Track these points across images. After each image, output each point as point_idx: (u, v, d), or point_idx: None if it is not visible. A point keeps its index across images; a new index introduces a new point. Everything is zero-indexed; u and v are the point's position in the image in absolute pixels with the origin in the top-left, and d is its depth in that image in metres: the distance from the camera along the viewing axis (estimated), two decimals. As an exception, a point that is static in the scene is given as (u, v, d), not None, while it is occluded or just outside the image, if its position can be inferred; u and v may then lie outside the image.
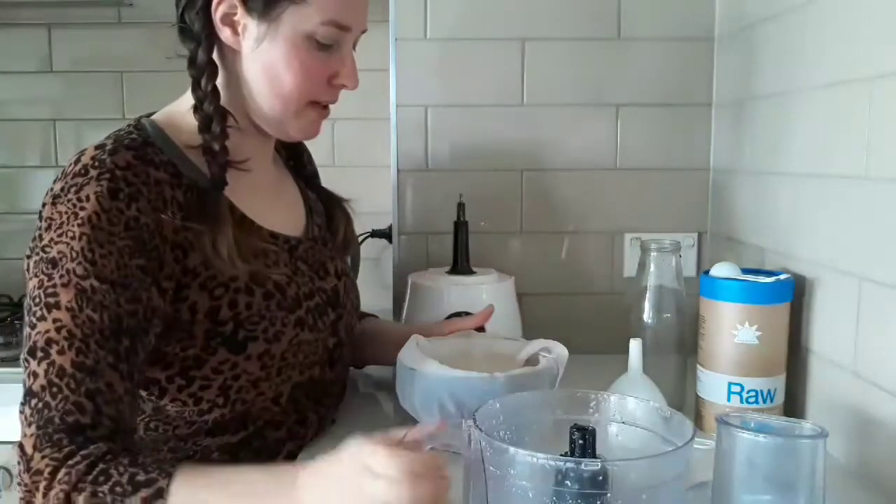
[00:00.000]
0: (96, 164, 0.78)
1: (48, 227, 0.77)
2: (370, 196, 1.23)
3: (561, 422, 0.63)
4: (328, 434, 0.97)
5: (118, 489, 0.69)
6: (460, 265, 1.24)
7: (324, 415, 0.97)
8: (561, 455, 0.57)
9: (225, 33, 0.84)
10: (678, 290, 1.07)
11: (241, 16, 0.83)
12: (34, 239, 0.78)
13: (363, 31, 0.90)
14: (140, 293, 0.77)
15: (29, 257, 0.78)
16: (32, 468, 0.71)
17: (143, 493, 0.69)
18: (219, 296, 0.82)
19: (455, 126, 1.38)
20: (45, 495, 0.70)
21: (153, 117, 0.89)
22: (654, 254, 1.07)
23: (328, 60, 0.86)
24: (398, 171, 1.39)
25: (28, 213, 1.85)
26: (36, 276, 0.76)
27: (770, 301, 0.94)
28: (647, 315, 1.06)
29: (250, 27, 0.83)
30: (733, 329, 0.94)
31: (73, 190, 0.77)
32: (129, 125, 0.86)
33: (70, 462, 0.70)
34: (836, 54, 0.92)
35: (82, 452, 0.70)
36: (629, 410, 0.64)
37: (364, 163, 1.78)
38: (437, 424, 0.66)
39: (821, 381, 0.96)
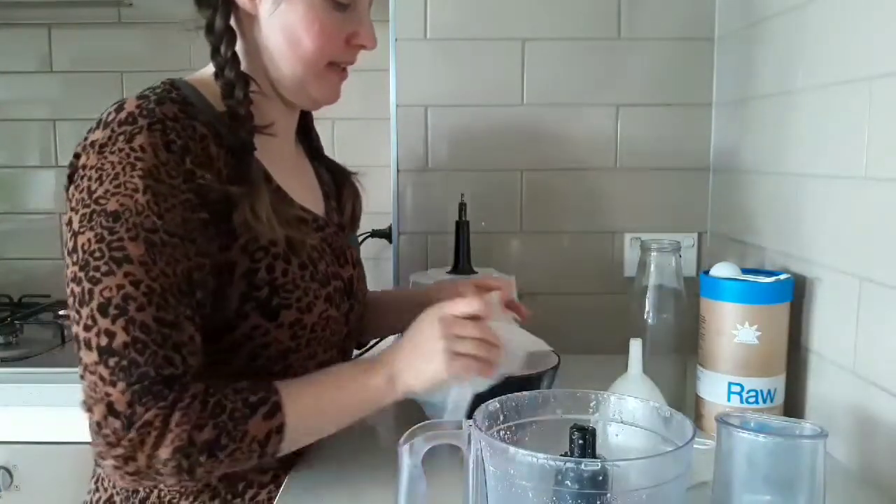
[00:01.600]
0: (145, 112, 0.76)
1: (99, 178, 0.74)
2: (370, 196, 1.22)
3: (561, 422, 0.63)
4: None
5: (237, 414, 0.74)
6: (462, 265, 1.24)
7: None
8: (561, 455, 0.57)
9: None
10: (678, 290, 1.07)
11: None
12: (81, 190, 0.75)
13: None
14: (205, 247, 0.77)
15: (75, 210, 0.75)
16: (137, 422, 0.70)
17: (262, 410, 0.75)
18: (258, 258, 0.82)
19: (455, 126, 1.38)
20: (156, 445, 0.71)
21: (186, 79, 0.87)
22: (654, 254, 1.07)
23: (346, 20, 0.87)
24: (398, 171, 1.39)
25: (28, 213, 1.85)
26: (92, 228, 0.73)
27: (770, 301, 0.94)
28: (647, 315, 1.06)
29: None
30: (733, 329, 0.94)
31: (122, 138, 0.75)
32: (163, 83, 0.83)
33: (181, 405, 0.72)
34: (836, 54, 0.92)
35: (187, 394, 0.73)
36: (629, 410, 0.64)
37: (364, 163, 1.77)
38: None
39: (821, 381, 0.96)
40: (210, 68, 0.86)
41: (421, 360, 0.81)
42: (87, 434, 0.95)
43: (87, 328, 0.72)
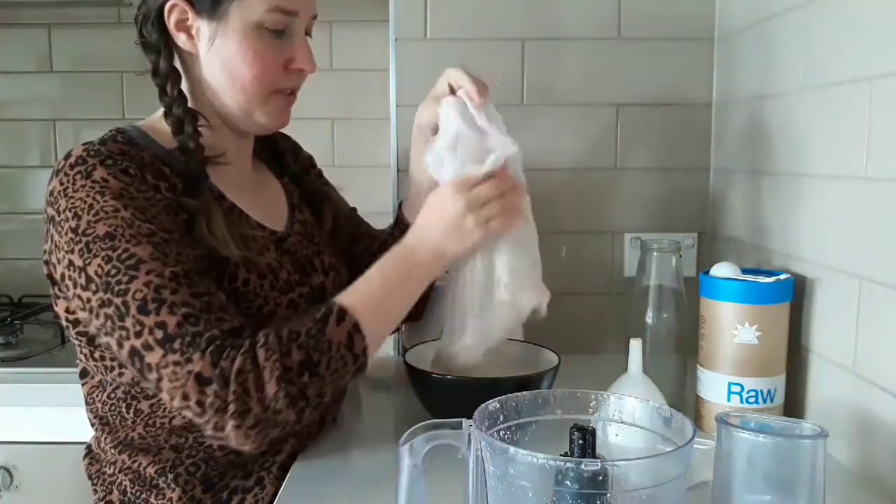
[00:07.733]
0: (92, 153, 0.80)
1: (75, 216, 0.77)
2: (370, 196, 1.22)
3: (561, 422, 0.63)
4: (327, 433, 0.98)
5: (313, 331, 0.78)
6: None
7: (323, 412, 0.97)
8: (561, 455, 0.57)
9: (181, 39, 0.88)
10: (678, 290, 1.07)
11: (192, 20, 0.87)
12: (64, 233, 0.78)
13: (314, 17, 0.93)
14: (193, 244, 0.81)
15: (70, 251, 0.78)
16: (230, 375, 0.73)
17: (332, 318, 0.79)
18: (220, 267, 0.84)
19: (455, 126, 1.37)
20: (259, 386, 0.73)
21: (133, 125, 0.91)
22: (654, 254, 1.07)
23: (281, 47, 0.89)
24: (398, 171, 1.39)
25: (28, 213, 1.85)
26: (95, 255, 0.76)
27: (770, 301, 0.94)
28: (647, 315, 1.06)
29: (202, 29, 0.87)
30: (733, 329, 0.94)
31: (79, 177, 0.78)
32: (108, 131, 0.87)
33: (259, 345, 0.75)
34: (837, 54, 0.92)
35: (259, 335, 0.76)
36: (629, 410, 0.64)
37: (364, 163, 1.78)
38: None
39: (821, 381, 0.96)
40: (157, 114, 0.91)
41: (456, 238, 0.88)
42: (86, 434, 0.96)
43: (137, 335, 0.75)
